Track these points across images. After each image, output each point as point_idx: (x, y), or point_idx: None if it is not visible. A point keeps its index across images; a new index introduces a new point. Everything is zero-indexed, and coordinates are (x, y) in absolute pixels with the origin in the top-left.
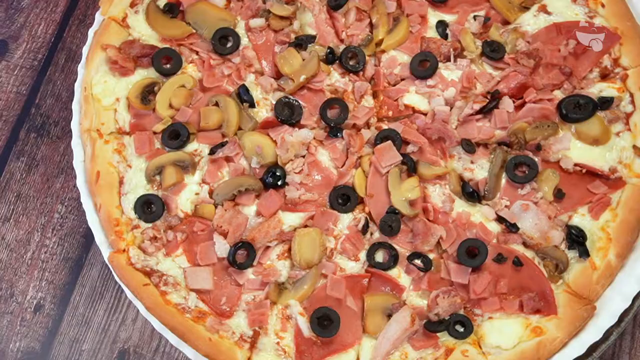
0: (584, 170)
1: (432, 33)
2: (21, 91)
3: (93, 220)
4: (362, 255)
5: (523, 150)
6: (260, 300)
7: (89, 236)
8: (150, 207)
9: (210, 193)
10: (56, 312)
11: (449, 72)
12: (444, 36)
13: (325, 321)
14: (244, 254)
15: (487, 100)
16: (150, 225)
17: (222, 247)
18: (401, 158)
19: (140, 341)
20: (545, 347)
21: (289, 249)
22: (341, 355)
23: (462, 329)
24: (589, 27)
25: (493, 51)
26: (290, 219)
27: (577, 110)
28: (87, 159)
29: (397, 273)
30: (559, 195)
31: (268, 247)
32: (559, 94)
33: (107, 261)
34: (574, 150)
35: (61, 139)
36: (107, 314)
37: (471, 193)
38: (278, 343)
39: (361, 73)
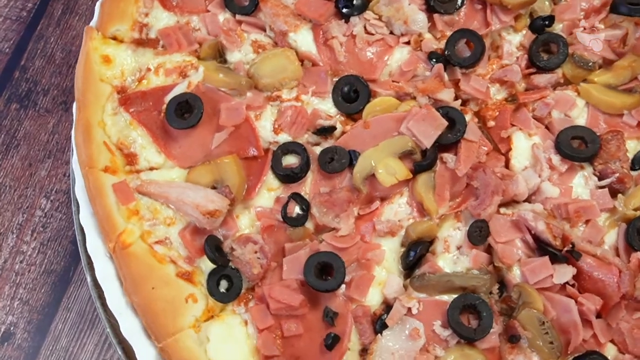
0: None
1: (632, 144)
2: (3, 49)
3: None
4: (283, 137)
5: (503, 316)
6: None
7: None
8: None
9: None
10: (31, 344)
11: (580, 182)
12: (635, 165)
13: (185, 114)
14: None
15: (557, 247)
16: None
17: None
18: (427, 147)
19: None
20: None
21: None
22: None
23: (223, 289)
24: None
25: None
26: (302, 40)
27: None
28: None
29: (271, 186)
30: None
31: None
32: (610, 350)
33: None
34: None
35: (51, 113)
36: (98, 350)
37: (408, 262)
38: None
39: (534, 71)
